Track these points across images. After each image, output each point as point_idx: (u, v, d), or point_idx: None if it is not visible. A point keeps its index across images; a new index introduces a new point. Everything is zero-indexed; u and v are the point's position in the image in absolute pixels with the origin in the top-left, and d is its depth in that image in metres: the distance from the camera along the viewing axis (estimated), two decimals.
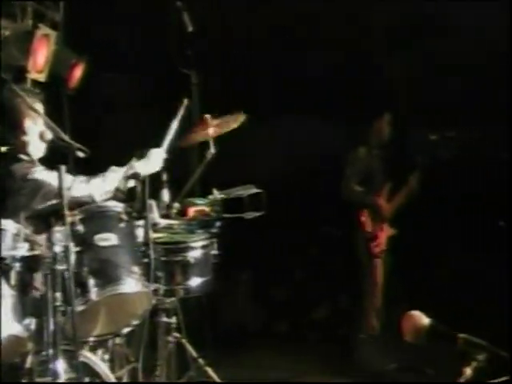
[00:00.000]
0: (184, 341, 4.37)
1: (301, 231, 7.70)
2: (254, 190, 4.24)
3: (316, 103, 9.23)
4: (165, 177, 4.38)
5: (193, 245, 3.97)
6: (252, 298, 6.47)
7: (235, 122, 4.47)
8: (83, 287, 3.39)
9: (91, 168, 3.80)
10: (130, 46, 6.22)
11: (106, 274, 3.43)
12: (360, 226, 5.47)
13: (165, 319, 4.17)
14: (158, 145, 4.08)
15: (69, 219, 3.30)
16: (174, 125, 4.20)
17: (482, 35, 6.68)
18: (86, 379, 3.39)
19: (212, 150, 4.49)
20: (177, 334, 4.33)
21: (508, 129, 6.48)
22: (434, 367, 4.77)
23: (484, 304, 6.28)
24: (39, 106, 3.71)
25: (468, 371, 2.39)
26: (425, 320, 2.65)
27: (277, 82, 8.44)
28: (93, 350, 3.76)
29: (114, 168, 3.75)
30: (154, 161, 3.87)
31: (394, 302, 6.47)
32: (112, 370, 3.96)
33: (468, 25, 6.68)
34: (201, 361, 4.44)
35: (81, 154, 3.58)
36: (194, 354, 4.44)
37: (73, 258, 3.28)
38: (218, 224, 4.14)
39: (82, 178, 3.69)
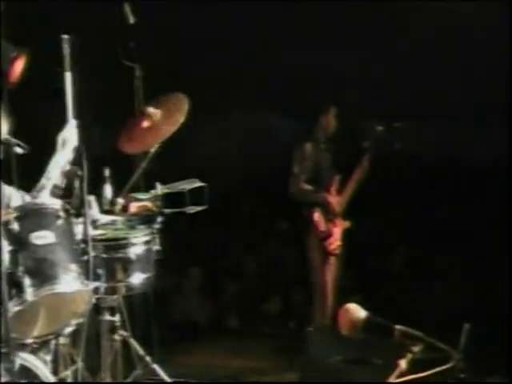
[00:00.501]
0: (130, 339, 4.29)
1: (254, 225, 7.68)
2: (197, 184, 4.16)
3: (267, 99, 9.26)
4: (107, 172, 4.29)
5: (134, 241, 3.88)
6: (204, 293, 6.39)
7: (179, 108, 4.36)
8: (19, 287, 3.29)
9: (32, 165, 3.71)
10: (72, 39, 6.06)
11: (43, 273, 3.34)
12: (313, 225, 5.34)
13: (108, 317, 4.08)
14: None
15: (3, 218, 3.21)
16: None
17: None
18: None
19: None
20: (123, 332, 4.24)
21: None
22: (383, 357, 4.76)
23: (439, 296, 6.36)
24: None
25: (403, 364, 2.37)
26: (361, 313, 2.62)
27: (227, 78, 8.42)
28: (35, 351, 3.66)
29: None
30: (68, 141, 3.75)
31: (346, 294, 6.48)
32: (56, 370, 3.87)
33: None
34: (148, 359, 4.36)
35: (19, 150, 3.51)
36: (141, 351, 4.35)
37: (6, 257, 3.18)
38: (159, 219, 4.05)
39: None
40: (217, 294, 6.53)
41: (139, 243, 3.90)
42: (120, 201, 4.25)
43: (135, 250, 3.87)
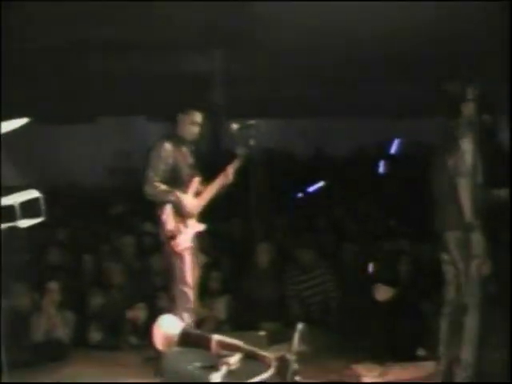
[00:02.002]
0: None
1: (120, 231, 7.47)
2: (32, 196, 3.89)
3: (130, 102, 9.07)
4: None
5: None
6: (64, 307, 6.08)
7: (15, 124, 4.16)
8: None
9: None
10: None
11: None
12: (162, 224, 5.18)
13: None
14: None
15: None
16: None
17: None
18: None
19: None
20: None
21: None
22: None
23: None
24: None
25: (217, 378, 2.25)
26: (175, 327, 2.47)
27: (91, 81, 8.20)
28: None
29: None
30: None
31: (212, 298, 6.39)
32: None
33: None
34: None
35: None
36: None
37: None
38: None
39: None
40: (79, 308, 6.25)
41: None
42: None
43: None
